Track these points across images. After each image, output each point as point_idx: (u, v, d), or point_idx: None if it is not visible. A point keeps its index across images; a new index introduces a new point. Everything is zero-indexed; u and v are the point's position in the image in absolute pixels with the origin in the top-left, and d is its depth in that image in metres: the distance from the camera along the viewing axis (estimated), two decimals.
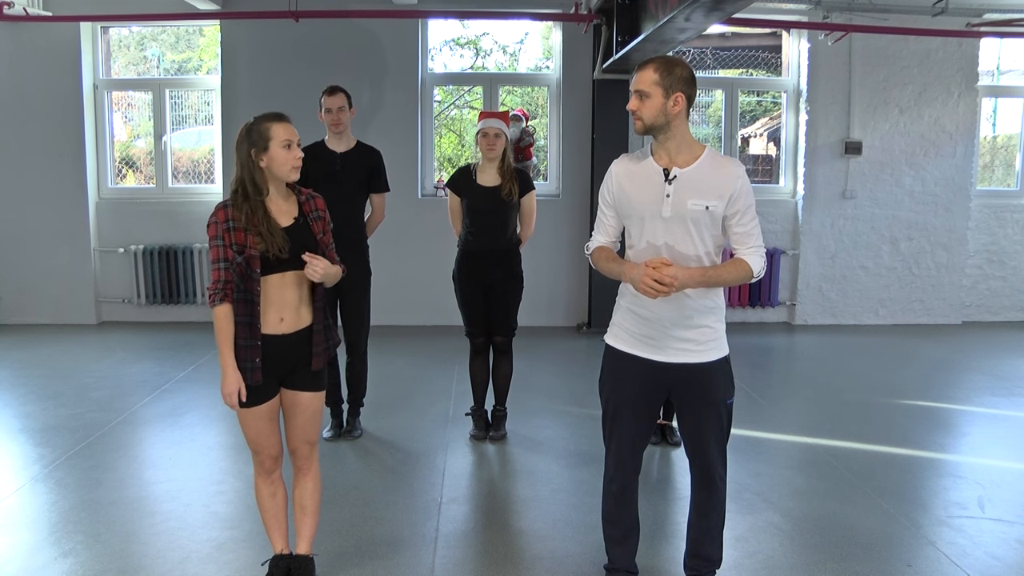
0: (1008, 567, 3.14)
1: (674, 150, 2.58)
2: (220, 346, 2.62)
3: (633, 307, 2.65)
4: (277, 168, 2.64)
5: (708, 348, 2.63)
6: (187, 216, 7.54)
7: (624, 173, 2.65)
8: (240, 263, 2.59)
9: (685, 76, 2.53)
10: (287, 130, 2.64)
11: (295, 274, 2.67)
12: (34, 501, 3.70)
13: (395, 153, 6.22)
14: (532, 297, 4.59)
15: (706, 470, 2.73)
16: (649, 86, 2.51)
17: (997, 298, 8.08)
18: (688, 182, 2.54)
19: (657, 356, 2.63)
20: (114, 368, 6.04)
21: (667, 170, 2.57)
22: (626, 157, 2.70)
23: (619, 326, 2.72)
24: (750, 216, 2.58)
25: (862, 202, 7.71)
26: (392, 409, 5.04)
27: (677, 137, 2.57)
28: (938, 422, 4.97)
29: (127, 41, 8.22)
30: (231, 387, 2.61)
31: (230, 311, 2.63)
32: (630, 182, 2.62)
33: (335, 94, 4.34)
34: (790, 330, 7.67)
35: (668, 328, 2.60)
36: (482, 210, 4.31)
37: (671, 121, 2.54)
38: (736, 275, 2.57)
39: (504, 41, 8.71)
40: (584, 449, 4.39)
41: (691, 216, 2.53)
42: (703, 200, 2.52)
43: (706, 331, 2.62)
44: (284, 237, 2.64)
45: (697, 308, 2.59)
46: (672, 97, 2.51)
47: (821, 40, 7.31)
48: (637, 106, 2.54)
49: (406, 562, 3.14)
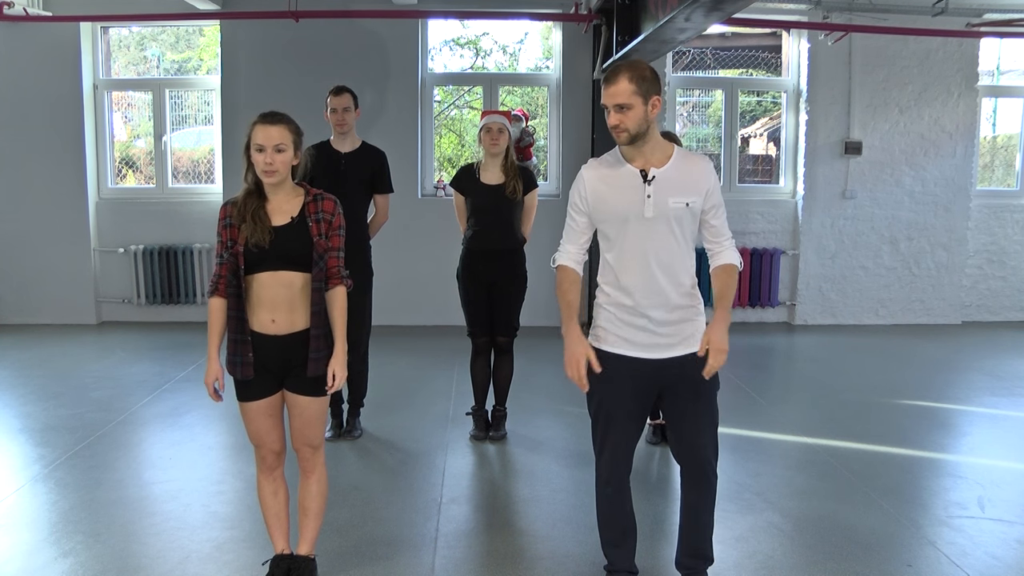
0: (1008, 567, 3.14)
1: (649, 152, 2.59)
2: (208, 337, 2.73)
3: (618, 311, 2.64)
4: (256, 168, 2.66)
5: (694, 340, 2.63)
6: (187, 216, 7.54)
7: (598, 177, 2.64)
8: (229, 259, 2.65)
9: (653, 76, 2.53)
10: (264, 134, 2.62)
11: (287, 274, 2.67)
12: (34, 501, 3.70)
13: (395, 153, 6.19)
14: (532, 297, 4.59)
15: (699, 465, 2.73)
16: (628, 97, 2.49)
17: (997, 298, 8.08)
18: (666, 181, 2.56)
19: (646, 354, 2.63)
20: (114, 368, 6.04)
21: (644, 171, 2.57)
22: (596, 162, 2.69)
23: (602, 328, 2.70)
24: (722, 209, 2.65)
25: (862, 202, 7.71)
26: (392, 409, 5.04)
27: (652, 140, 2.58)
28: (938, 422, 4.97)
29: (127, 41, 8.22)
30: (209, 377, 2.74)
31: (221, 304, 2.71)
32: (606, 186, 2.62)
33: (341, 94, 4.34)
34: (790, 330, 7.67)
35: (655, 325, 2.60)
36: (486, 208, 4.30)
37: (650, 125, 2.55)
38: (734, 283, 2.67)
39: (504, 41, 8.73)
40: (584, 449, 4.39)
41: (674, 214, 2.55)
42: (683, 197, 2.55)
43: (690, 324, 2.64)
44: (268, 231, 2.64)
45: (680, 304, 2.61)
46: (650, 102, 2.52)
47: (821, 40, 7.31)
48: (620, 120, 2.52)
49: (406, 562, 3.14)
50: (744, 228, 7.67)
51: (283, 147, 2.63)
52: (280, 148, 2.63)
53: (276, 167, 2.63)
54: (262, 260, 2.64)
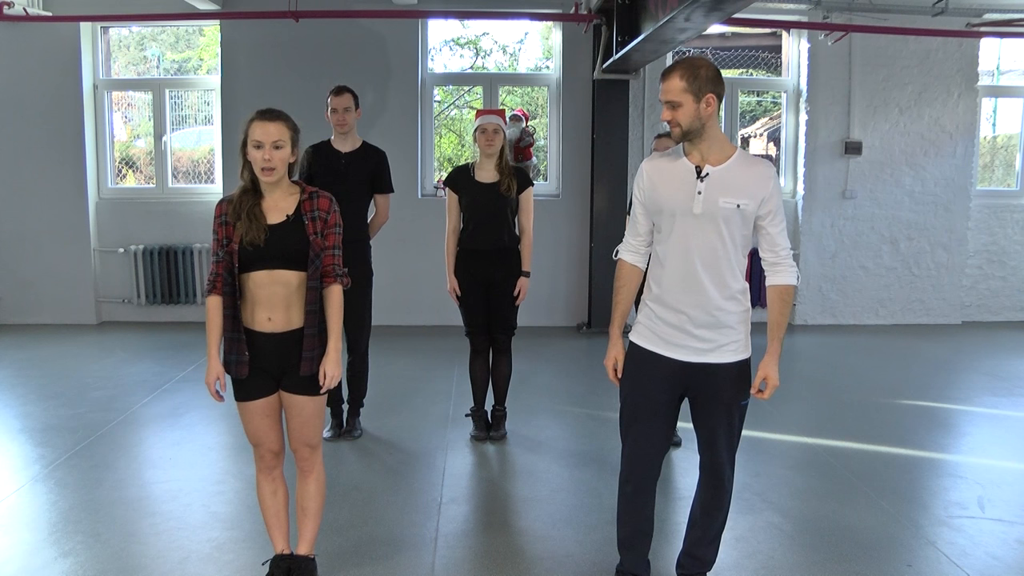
0: (1008, 567, 3.14)
1: (706, 150, 2.59)
2: (207, 336, 2.71)
3: (658, 307, 2.66)
4: (253, 165, 2.65)
5: (730, 349, 2.65)
6: (187, 216, 7.54)
7: (655, 170, 2.67)
8: (224, 258, 2.65)
9: (711, 76, 2.53)
10: (262, 130, 2.60)
11: (283, 273, 2.66)
12: (34, 501, 3.70)
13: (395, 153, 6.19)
14: (532, 297, 4.59)
15: (715, 470, 2.74)
16: (678, 95, 2.51)
17: (997, 298, 8.08)
18: (720, 180, 2.55)
19: (679, 355, 2.64)
20: (114, 368, 6.04)
21: (699, 168, 2.58)
22: (657, 155, 2.72)
23: (644, 324, 2.73)
24: (781, 216, 2.62)
25: (862, 202, 7.71)
26: (392, 409, 5.04)
27: (710, 138, 2.58)
28: (938, 422, 4.97)
29: (127, 41, 8.22)
30: (210, 377, 2.72)
31: (218, 303, 2.70)
32: (661, 179, 2.64)
33: (341, 94, 4.35)
34: (790, 330, 7.66)
35: (692, 328, 2.61)
36: (481, 206, 4.31)
37: (705, 123, 2.55)
38: (789, 309, 2.74)
39: (504, 41, 8.73)
40: (584, 449, 4.40)
41: (722, 214, 2.54)
42: (734, 198, 2.54)
43: (729, 332, 2.64)
44: (263, 228, 2.64)
45: (722, 308, 2.61)
46: (704, 99, 2.51)
47: (821, 40, 7.31)
48: (671, 116, 2.54)
49: (406, 562, 3.14)
50: None
51: (281, 143, 2.62)
52: (278, 144, 2.62)
53: (274, 164, 2.62)
54: (258, 259, 2.64)
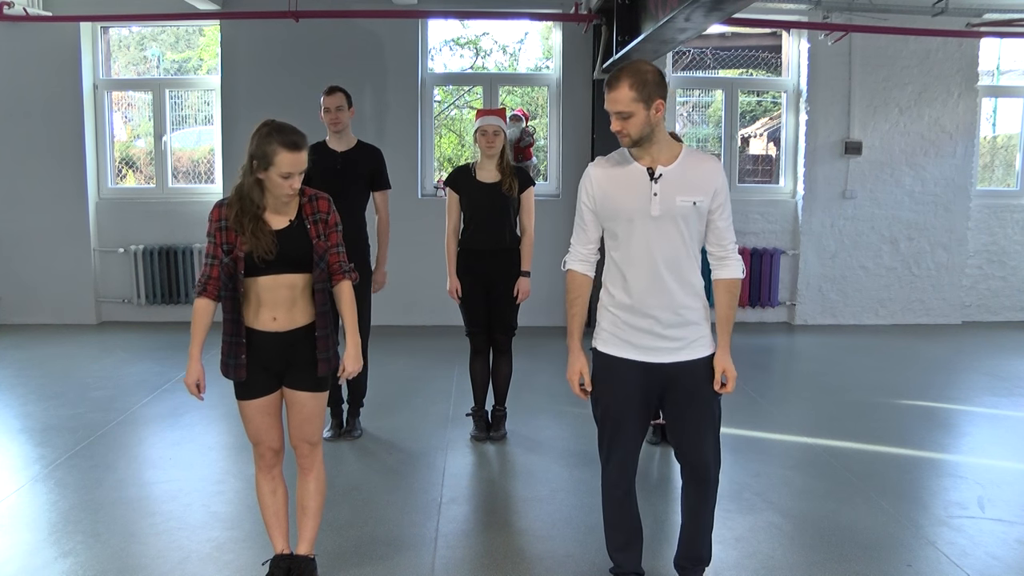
0: (1008, 567, 3.14)
1: (656, 151, 2.57)
2: (191, 337, 2.72)
3: (625, 313, 2.63)
4: (272, 189, 2.62)
5: (700, 344, 2.64)
6: (187, 216, 7.53)
7: (605, 176, 2.62)
8: (227, 264, 2.63)
9: (658, 79, 2.49)
10: (292, 162, 2.57)
11: (288, 276, 2.67)
12: (34, 501, 3.70)
13: (395, 153, 6.21)
14: (532, 297, 4.58)
15: (700, 468, 2.72)
16: (628, 104, 2.46)
17: (997, 298, 8.08)
18: (673, 179, 2.54)
19: (651, 357, 2.62)
20: (114, 368, 6.04)
21: (651, 169, 2.56)
22: (603, 160, 2.68)
23: (607, 331, 2.69)
24: (729, 210, 2.64)
25: (862, 202, 7.71)
26: (392, 409, 5.04)
27: (659, 140, 2.56)
28: (938, 422, 4.97)
29: (127, 41, 8.22)
30: (190, 378, 2.76)
31: (207, 305, 2.71)
32: (612, 185, 2.60)
33: (333, 94, 4.36)
34: (790, 330, 7.67)
35: (661, 329, 2.59)
36: (482, 206, 4.31)
37: (655, 127, 2.53)
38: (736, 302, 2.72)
39: (504, 41, 8.73)
40: (584, 449, 4.39)
41: (680, 213, 2.53)
42: (690, 196, 2.54)
43: (695, 328, 2.63)
44: (273, 240, 2.63)
45: (686, 305, 2.60)
46: (653, 106, 2.48)
47: (821, 40, 7.31)
48: (622, 126, 2.50)
49: (406, 562, 3.14)
50: (744, 228, 7.66)
51: (303, 170, 2.65)
52: (303, 172, 2.64)
53: (296, 189, 2.64)
54: (264, 265, 2.63)
